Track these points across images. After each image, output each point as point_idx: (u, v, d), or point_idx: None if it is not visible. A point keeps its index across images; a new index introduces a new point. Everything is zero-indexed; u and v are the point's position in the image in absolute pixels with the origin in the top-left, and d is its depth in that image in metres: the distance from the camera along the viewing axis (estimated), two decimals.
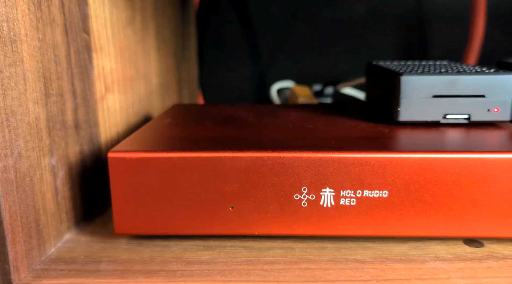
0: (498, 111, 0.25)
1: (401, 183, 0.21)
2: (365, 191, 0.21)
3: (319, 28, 0.68)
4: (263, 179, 0.21)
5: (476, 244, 0.22)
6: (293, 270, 0.20)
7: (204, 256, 0.21)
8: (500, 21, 0.68)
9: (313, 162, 0.21)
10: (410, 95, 0.25)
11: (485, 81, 0.25)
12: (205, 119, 0.29)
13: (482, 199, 0.21)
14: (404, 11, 0.67)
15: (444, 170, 0.20)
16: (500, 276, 0.19)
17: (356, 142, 0.22)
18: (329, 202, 0.21)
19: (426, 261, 0.21)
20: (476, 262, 0.20)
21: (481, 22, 0.62)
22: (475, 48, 0.63)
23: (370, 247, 0.22)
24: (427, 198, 0.21)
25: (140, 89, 0.36)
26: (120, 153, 0.21)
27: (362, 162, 0.20)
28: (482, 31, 0.62)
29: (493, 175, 0.20)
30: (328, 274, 0.20)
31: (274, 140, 0.23)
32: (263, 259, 0.21)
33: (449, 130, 0.25)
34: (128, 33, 0.33)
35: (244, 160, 0.21)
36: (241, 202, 0.21)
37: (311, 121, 0.28)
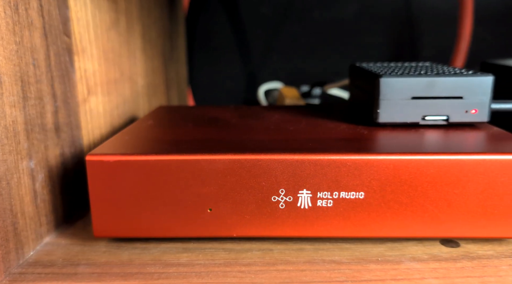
0: (476, 112, 0.25)
1: (377, 184, 0.21)
2: (341, 193, 0.21)
3: (309, 29, 0.68)
4: (241, 181, 0.21)
5: (453, 244, 0.22)
6: (269, 272, 0.20)
7: (182, 258, 0.21)
8: (489, 21, 0.68)
9: (290, 163, 0.21)
10: (389, 97, 0.25)
11: (463, 83, 0.25)
12: (188, 121, 0.29)
13: (457, 200, 0.21)
14: (394, 11, 0.67)
15: (419, 171, 0.20)
16: (473, 276, 0.19)
17: (334, 143, 0.23)
18: (306, 204, 0.21)
19: (402, 261, 0.21)
20: (450, 262, 0.21)
21: (468, 23, 0.62)
22: (463, 48, 0.64)
23: (347, 248, 0.22)
24: (403, 199, 0.21)
25: (125, 91, 0.36)
26: (98, 156, 0.21)
27: (338, 164, 0.21)
28: (470, 31, 0.63)
29: (467, 176, 0.20)
30: (304, 276, 0.20)
31: (253, 142, 0.23)
32: (241, 260, 0.21)
33: (427, 131, 0.25)
34: (112, 35, 0.33)
35: (221, 162, 0.21)
36: (219, 204, 0.21)
37: (292, 123, 0.28)
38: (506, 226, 0.21)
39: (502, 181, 0.20)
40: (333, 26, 0.68)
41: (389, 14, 0.68)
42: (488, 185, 0.21)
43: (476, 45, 0.69)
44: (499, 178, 0.20)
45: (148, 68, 0.43)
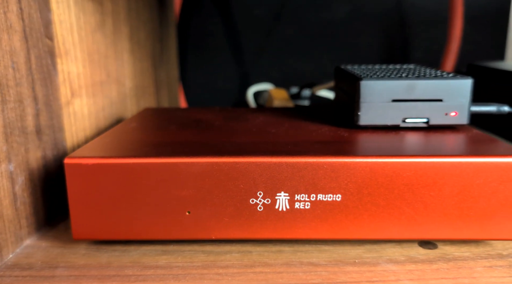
0: (456, 115, 0.26)
1: (354, 187, 0.21)
2: (319, 195, 0.21)
3: (301, 30, 0.68)
4: (219, 184, 0.21)
5: (430, 246, 0.23)
6: (246, 274, 0.20)
7: (161, 261, 0.21)
8: (481, 23, 0.69)
9: (268, 166, 0.21)
10: (369, 99, 0.25)
11: (443, 85, 0.25)
12: (171, 124, 0.29)
13: (433, 202, 0.21)
14: (385, 13, 0.68)
15: (395, 173, 0.21)
16: (447, 278, 0.20)
17: (313, 146, 0.23)
18: (284, 206, 0.21)
19: (378, 263, 0.21)
20: (427, 264, 0.21)
21: (458, 24, 0.63)
22: (453, 49, 0.64)
23: (326, 250, 0.22)
24: (379, 201, 0.21)
25: (112, 93, 0.36)
26: (77, 159, 0.21)
27: (315, 166, 0.21)
28: (460, 33, 0.63)
29: (443, 179, 0.21)
30: (281, 278, 0.20)
31: (233, 145, 0.23)
32: (219, 263, 0.21)
33: (406, 134, 0.25)
34: (98, 37, 0.33)
35: (199, 165, 0.21)
36: (197, 207, 0.21)
37: (275, 125, 0.28)
38: (482, 228, 0.21)
39: (478, 183, 0.21)
40: (325, 27, 0.68)
41: (380, 15, 0.68)
42: (464, 187, 0.21)
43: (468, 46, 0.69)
44: (475, 180, 0.21)
45: (137, 70, 0.43)
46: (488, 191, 0.21)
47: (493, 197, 0.21)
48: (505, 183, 0.21)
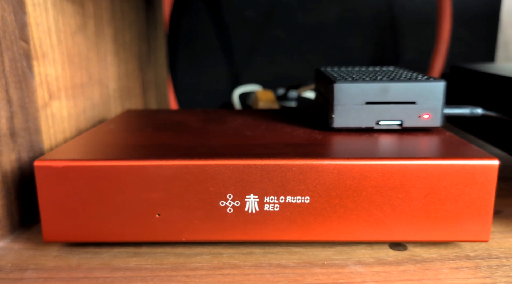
0: (430, 117, 0.26)
1: (322, 189, 0.21)
2: (287, 197, 0.21)
3: (292, 32, 0.68)
4: (188, 187, 0.21)
5: (400, 247, 0.23)
6: (214, 276, 0.20)
7: (131, 263, 0.22)
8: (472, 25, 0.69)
9: (237, 169, 0.21)
10: (343, 102, 0.26)
11: (416, 88, 0.25)
12: (149, 126, 0.29)
13: (401, 204, 0.21)
14: (376, 15, 0.68)
15: (363, 176, 0.21)
16: (413, 279, 0.20)
17: (284, 148, 0.23)
18: (253, 208, 0.21)
19: (347, 265, 0.21)
20: (394, 266, 0.21)
21: (446, 26, 0.63)
22: (441, 51, 0.65)
23: (297, 251, 0.23)
24: (348, 203, 0.21)
25: (94, 95, 0.37)
26: (47, 161, 0.21)
27: (284, 169, 0.21)
28: (448, 34, 0.63)
29: (410, 181, 0.21)
30: (248, 280, 0.20)
31: (204, 147, 0.23)
32: (188, 265, 0.21)
33: (379, 136, 0.25)
34: (79, 40, 0.33)
35: (168, 168, 0.21)
36: (167, 209, 0.21)
37: (252, 127, 0.28)
38: (449, 229, 0.21)
39: (444, 186, 0.21)
40: (316, 29, 0.68)
41: (371, 17, 0.68)
42: (431, 189, 0.21)
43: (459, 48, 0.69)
44: (441, 183, 0.21)
45: (121, 71, 0.44)
46: (455, 193, 0.21)
47: (460, 199, 0.21)
48: (470, 185, 0.21)
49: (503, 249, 0.22)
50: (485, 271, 0.20)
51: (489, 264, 0.21)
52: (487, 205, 0.21)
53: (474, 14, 0.69)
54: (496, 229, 0.25)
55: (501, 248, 0.23)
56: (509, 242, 0.23)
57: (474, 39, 0.70)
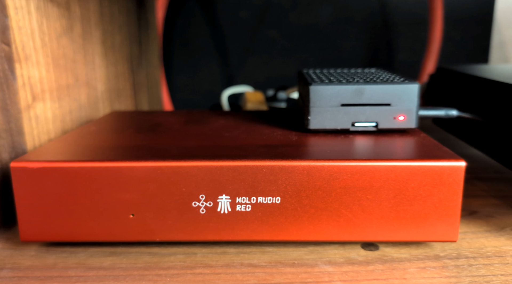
0: (405, 119, 0.26)
1: (293, 190, 0.21)
2: (259, 198, 0.22)
3: (287, 32, 0.69)
4: (161, 188, 0.22)
5: (372, 247, 0.23)
6: (185, 275, 0.21)
7: (106, 262, 0.22)
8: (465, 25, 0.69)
9: (209, 170, 0.21)
10: (319, 104, 0.26)
11: (390, 90, 0.26)
12: (130, 128, 0.29)
13: (370, 205, 0.21)
14: (369, 15, 0.68)
15: (332, 177, 0.21)
16: (379, 279, 0.20)
17: (258, 149, 0.23)
18: (226, 209, 0.22)
19: (317, 265, 0.21)
20: (363, 266, 0.21)
21: (438, 27, 0.63)
22: (433, 51, 0.65)
23: (269, 251, 0.23)
24: (318, 204, 0.22)
25: (81, 96, 0.37)
26: (23, 162, 0.22)
27: (255, 170, 0.21)
28: (440, 35, 0.64)
29: (379, 182, 0.21)
30: (218, 279, 0.20)
31: (180, 148, 0.24)
32: (162, 264, 0.22)
33: (354, 138, 0.25)
34: (64, 42, 0.34)
35: (141, 169, 0.21)
36: (141, 210, 0.22)
37: (232, 129, 0.28)
38: (418, 230, 0.22)
39: (412, 187, 0.21)
40: (309, 30, 0.69)
41: (364, 18, 0.68)
42: (400, 190, 0.21)
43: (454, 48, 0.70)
44: (409, 184, 0.21)
45: (110, 73, 0.44)
46: (423, 194, 0.21)
47: (428, 200, 0.21)
48: (438, 186, 0.21)
49: (472, 249, 0.23)
50: (452, 271, 0.21)
51: (456, 264, 0.21)
52: (454, 206, 0.21)
53: (468, 15, 0.69)
54: (469, 230, 0.25)
55: (471, 248, 0.23)
56: (479, 242, 0.23)
57: (468, 40, 0.71)
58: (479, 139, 0.32)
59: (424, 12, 0.67)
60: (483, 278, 0.20)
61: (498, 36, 0.73)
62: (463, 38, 0.70)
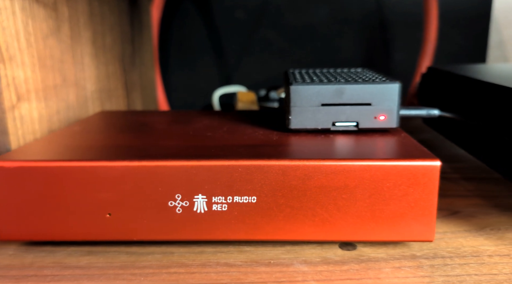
0: (385, 118, 0.26)
1: (268, 189, 0.21)
2: (235, 197, 0.22)
3: (283, 32, 0.69)
4: (137, 187, 0.22)
5: (350, 247, 0.23)
6: (160, 275, 0.21)
7: (83, 261, 0.22)
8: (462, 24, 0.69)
9: (185, 169, 0.21)
10: (299, 104, 0.26)
11: (371, 90, 0.26)
12: (113, 127, 0.29)
13: (346, 205, 0.21)
14: (365, 15, 0.68)
15: (307, 176, 0.21)
16: (353, 279, 0.20)
17: (237, 149, 0.23)
18: (202, 208, 0.22)
19: (292, 264, 0.21)
20: (338, 265, 0.21)
21: (433, 26, 0.63)
22: (429, 51, 0.65)
23: (247, 250, 0.23)
24: (294, 203, 0.22)
25: (69, 96, 0.37)
26: (0, 162, 0.22)
27: (230, 169, 0.21)
28: (435, 35, 0.63)
29: (354, 181, 0.21)
30: (192, 278, 0.20)
31: (159, 148, 0.24)
32: (138, 263, 0.22)
33: (334, 138, 0.25)
34: (51, 43, 0.34)
35: (117, 169, 0.21)
36: (118, 209, 0.22)
37: (214, 129, 0.28)
38: (394, 229, 0.22)
39: (388, 186, 0.21)
40: (306, 30, 0.69)
41: (361, 18, 0.68)
42: (375, 190, 0.21)
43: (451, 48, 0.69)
44: (385, 183, 0.21)
45: (101, 73, 0.44)
46: (398, 193, 0.21)
47: (403, 199, 0.21)
48: (413, 186, 0.21)
49: (450, 249, 0.23)
50: (426, 271, 0.21)
51: (432, 264, 0.21)
52: (430, 205, 0.21)
53: (465, 15, 0.69)
54: (449, 229, 0.25)
55: (448, 247, 0.23)
56: (457, 242, 0.23)
57: (466, 40, 0.70)
58: (464, 140, 0.32)
59: (421, 12, 0.67)
60: (456, 278, 0.20)
61: (497, 35, 0.73)
62: (461, 38, 0.70)
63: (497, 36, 0.73)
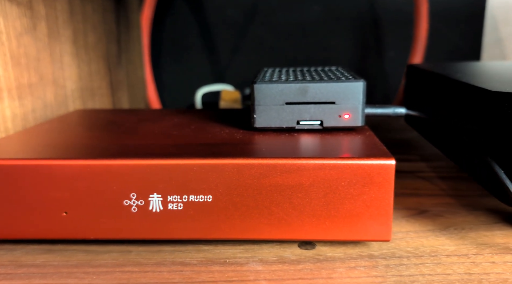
0: (350, 117, 0.26)
1: (224, 188, 0.21)
2: (190, 196, 0.22)
3: (275, 30, 0.69)
4: (92, 186, 0.22)
5: (308, 246, 0.23)
6: (113, 273, 0.21)
7: (39, 260, 0.22)
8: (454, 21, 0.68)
9: (139, 168, 0.21)
10: (263, 102, 0.26)
11: (334, 88, 0.25)
12: (82, 126, 0.29)
13: (301, 203, 0.21)
14: (358, 13, 0.68)
15: (262, 175, 0.21)
16: (305, 278, 0.20)
17: (194, 148, 0.23)
18: (157, 207, 0.22)
19: (247, 263, 0.21)
20: (293, 265, 0.21)
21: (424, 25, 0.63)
22: (419, 49, 0.64)
23: (205, 249, 0.23)
24: (249, 202, 0.21)
25: (46, 95, 0.37)
26: None
27: (185, 168, 0.21)
28: (426, 33, 0.63)
29: (308, 180, 0.21)
30: (144, 277, 0.20)
31: (118, 147, 0.24)
32: (93, 262, 0.22)
33: (295, 136, 0.25)
34: (26, 41, 0.34)
35: (72, 168, 0.21)
36: (74, 208, 0.22)
37: (182, 127, 0.28)
38: (351, 229, 0.21)
39: (343, 185, 0.21)
40: (298, 28, 0.69)
41: (353, 15, 0.68)
42: (330, 189, 0.21)
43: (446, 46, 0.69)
44: (339, 182, 0.21)
45: (82, 72, 0.44)
46: (354, 193, 0.21)
47: (359, 198, 0.21)
48: (369, 185, 0.21)
49: (409, 249, 0.22)
50: (380, 270, 0.20)
51: (388, 263, 0.21)
52: (386, 205, 0.21)
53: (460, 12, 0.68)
54: (413, 229, 0.25)
55: (408, 247, 0.23)
56: (418, 242, 0.23)
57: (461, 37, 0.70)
58: (435, 139, 0.32)
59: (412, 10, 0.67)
60: (409, 278, 0.20)
61: (495, 33, 0.72)
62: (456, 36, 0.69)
63: (496, 34, 0.72)
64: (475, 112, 0.25)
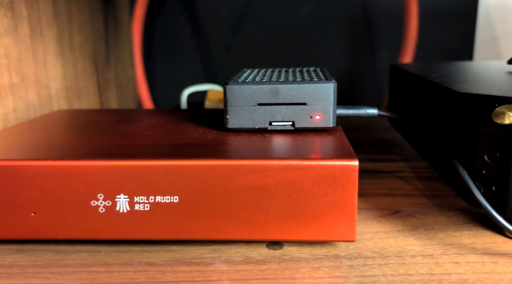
0: (321, 118, 0.26)
1: (190, 189, 0.21)
2: (157, 197, 0.22)
3: (267, 30, 0.69)
4: (60, 187, 0.22)
5: (276, 246, 0.23)
6: (79, 273, 0.21)
7: (8, 260, 0.22)
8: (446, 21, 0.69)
9: (106, 169, 0.21)
10: (236, 103, 0.26)
11: (306, 89, 0.26)
12: (59, 126, 0.30)
13: (267, 204, 0.21)
14: (349, 12, 0.68)
15: (228, 175, 0.21)
16: (268, 278, 0.20)
17: (163, 149, 0.23)
18: (124, 208, 0.22)
19: (213, 263, 0.22)
20: (258, 265, 0.21)
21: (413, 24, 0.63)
22: (409, 48, 0.64)
23: (173, 250, 0.23)
24: (216, 202, 0.22)
25: (29, 95, 0.37)
26: None
27: (151, 169, 0.21)
28: (416, 32, 0.63)
29: (273, 180, 0.21)
30: (109, 277, 0.20)
31: (89, 147, 0.24)
32: (61, 262, 0.22)
33: (268, 137, 0.25)
34: (6, 42, 0.34)
35: (38, 168, 0.22)
36: (42, 208, 0.22)
37: (157, 128, 0.29)
38: (316, 229, 0.22)
39: (307, 186, 0.21)
40: (290, 27, 0.69)
41: (346, 15, 0.68)
42: (294, 189, 0.21)
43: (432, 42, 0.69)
44: (304, 183, 0.21)
45: (67, 72, 0.44)
46: (318, 193, 0.21)
47: (323, 199, 0.21)
48: (333, 185, 0.21)
49: (375, 249, 0.23)
50: (343, 271, 0.21)
51: (352, 264, 0.21)
52: (350, 205, 0.21)
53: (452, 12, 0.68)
54: (383, 229, 0.25)
55: (375, 248, 0.23)
56: (386, 242, 0.23)
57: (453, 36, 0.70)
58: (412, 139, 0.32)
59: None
60: (370, 278, 0.20)
61: (489, 31, 0.72)
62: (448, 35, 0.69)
63: (490, 33, 0.72)
64: (444, 113, 0.25)
